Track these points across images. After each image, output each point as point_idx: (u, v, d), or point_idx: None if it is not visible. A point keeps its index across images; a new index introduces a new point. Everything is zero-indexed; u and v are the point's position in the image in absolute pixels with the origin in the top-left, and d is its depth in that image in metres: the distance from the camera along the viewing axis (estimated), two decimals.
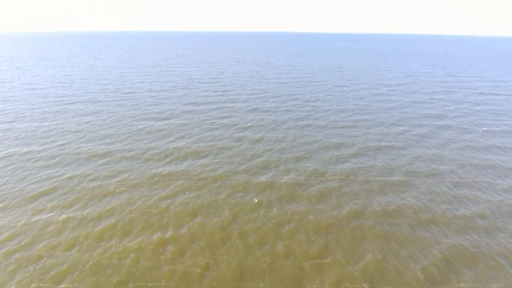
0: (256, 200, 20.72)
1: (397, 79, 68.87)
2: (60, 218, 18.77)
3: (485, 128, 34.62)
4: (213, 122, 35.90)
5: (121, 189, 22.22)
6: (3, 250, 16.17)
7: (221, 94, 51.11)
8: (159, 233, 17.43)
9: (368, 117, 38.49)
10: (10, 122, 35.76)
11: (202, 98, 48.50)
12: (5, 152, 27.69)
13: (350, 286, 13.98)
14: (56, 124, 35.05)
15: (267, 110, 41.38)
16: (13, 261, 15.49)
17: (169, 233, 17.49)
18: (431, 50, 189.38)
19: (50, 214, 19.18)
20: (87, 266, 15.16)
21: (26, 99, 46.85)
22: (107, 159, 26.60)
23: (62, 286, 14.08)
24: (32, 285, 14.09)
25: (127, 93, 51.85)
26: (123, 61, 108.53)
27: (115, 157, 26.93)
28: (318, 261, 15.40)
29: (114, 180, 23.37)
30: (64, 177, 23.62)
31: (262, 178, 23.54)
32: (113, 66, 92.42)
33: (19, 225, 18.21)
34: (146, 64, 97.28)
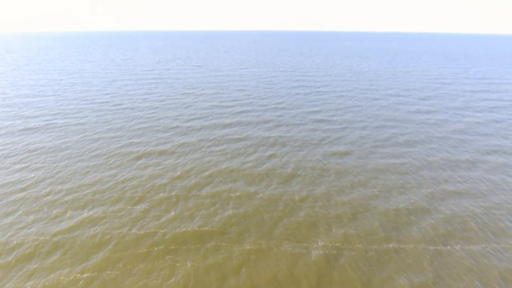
0: None
1: (428, 88, 60.25)
2: None
3: None
4: (224, 163, 27.21)
5: None
6: None
7: (228, 112, 42.43)
8: None
9: (422, 149, 29.93)
10: None
11: (205, 118, 39.81)
12: None
13: None
14: (13, 165, 26.31)
15: (291, 138, 32.75)
16: None
17: None
18: (442, 49, 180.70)
19: None
20: None
21: None
22: (75, 233, 17.99)
23: None
24: None
25: (115, 111, 43.06)
26: (116, 63, 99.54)
27: (84, 236, 18.29)
28: None
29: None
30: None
31: (314, 253, 15.04)
32: (105, 70, 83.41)
33: None
34: (141, 68, 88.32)
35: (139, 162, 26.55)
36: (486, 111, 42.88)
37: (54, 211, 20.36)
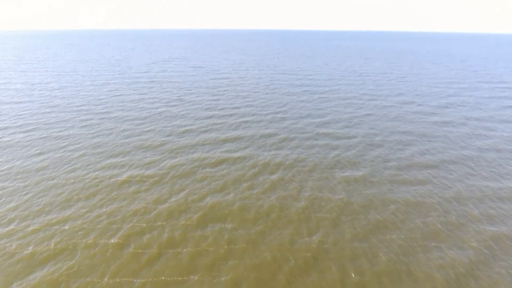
0: None
1: (442, 94, 56.46)
2: None
3: None
4: (223, 190, 23.31)
5: None
6: None
7: (227, 123, 38.51)
8: None
9: (451, 172, 26.16)
10: None
11: (201, 130, 35.88)
12: None
13: None
14: None
15: (299, 156, 28.88)
16: None
17: None
18: (445, 49, 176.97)
19: None
20: None
21: None
22: None
23: None
24: None
25: (103, 120, 39.05)
26: (111, 64, 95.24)
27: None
28: None
29: None
30: None
31: None
32: (97, 71, 79.13)
33: None
34: (136, 70, 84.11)
35: (124, 188, 22.58)
36: None
37: (16, 257, 16.45)
